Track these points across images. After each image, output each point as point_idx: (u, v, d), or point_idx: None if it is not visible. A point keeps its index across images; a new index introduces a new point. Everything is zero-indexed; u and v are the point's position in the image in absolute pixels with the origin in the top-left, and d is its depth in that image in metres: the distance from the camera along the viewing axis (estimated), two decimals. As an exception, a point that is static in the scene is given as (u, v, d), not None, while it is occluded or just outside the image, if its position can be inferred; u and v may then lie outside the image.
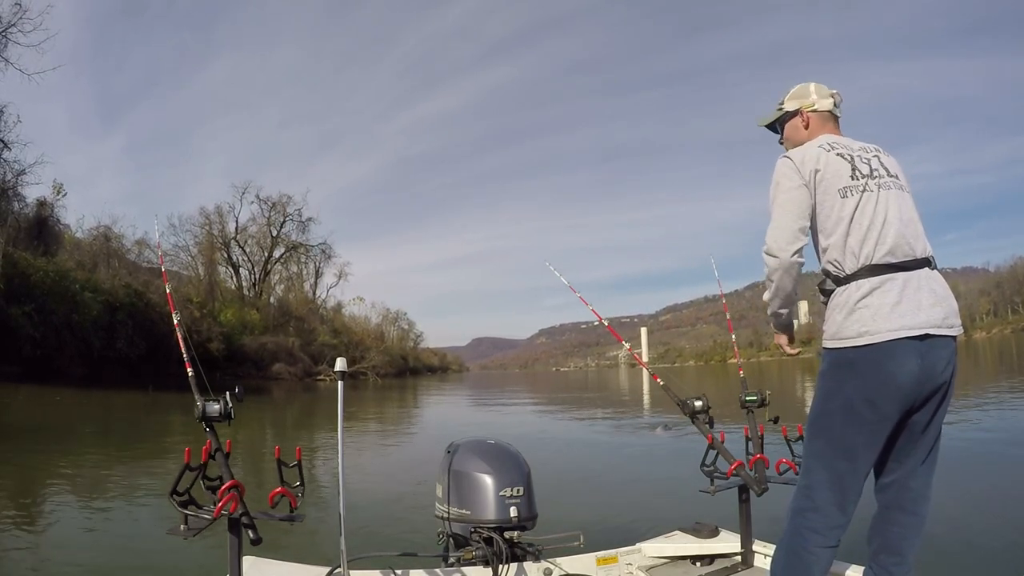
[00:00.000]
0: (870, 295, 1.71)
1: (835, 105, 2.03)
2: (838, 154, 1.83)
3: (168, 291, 2.43)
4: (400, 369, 62.38)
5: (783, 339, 2.05)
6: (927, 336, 1.67)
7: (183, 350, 2.08)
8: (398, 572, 2.31)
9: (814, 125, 2.02)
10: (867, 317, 1.69)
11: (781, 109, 2.09)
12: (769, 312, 1.95)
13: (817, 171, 1.81)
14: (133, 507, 5.45)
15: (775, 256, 1.81)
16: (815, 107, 2.02)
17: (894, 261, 1.73)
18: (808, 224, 1.83)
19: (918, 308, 1.69)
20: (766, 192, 1.89)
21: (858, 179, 1.80)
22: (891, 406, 1.69)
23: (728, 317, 3.48)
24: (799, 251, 1.81)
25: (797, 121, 2.05)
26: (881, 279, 1.71)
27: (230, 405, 1.97)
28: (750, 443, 2.69)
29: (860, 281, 1.73)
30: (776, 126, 2.14)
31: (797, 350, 2.09)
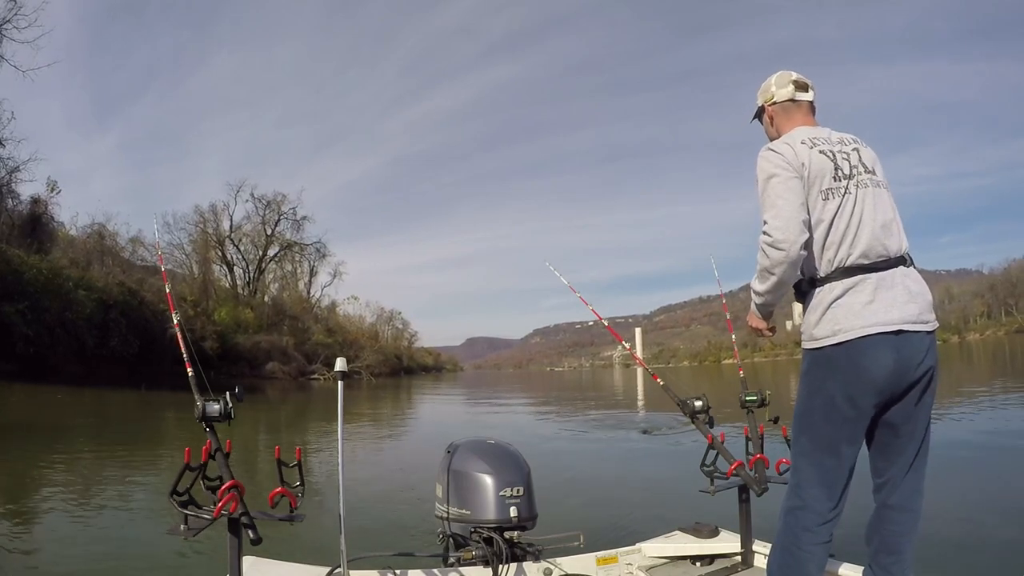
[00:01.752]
0: (844, 295, 1.72)
1: (796, 91, 1.97)
2: (821, 151, 1.80)
3: (168, 291, 2.43)
4: (394, 368, 62.11)
5: (763, 324, 2.01)
6: (901, 332, 1.69)
7: (183, 350, 2.08)
8: (398, 572, 2.31)
9: (779, 119, 2.00)
10: (840, 316, 1.71)
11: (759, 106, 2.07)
12: (760, 302, 1.90)
13: (803, 165, 1.77)
14: (132, 507, 5.42)
15: (781, 249, 1.71)
16: (774, 99, 2.00)
17: (867, 263, 1.74)
18: (808, 218, 1.76)
19: (891, 305, 1.70)
20: None
21: (840, 180, 1.78)
22: (867, 400, 1.72)
23: (728, 317, 3.45)
24: (805, 244, 1.74)
25: (765, 117, 2.05)
26: (855, 280, 1.73)
27: (230, 405, 1.97)
28: (750, 443, 2.70)
29: (833, 283, 1.74)
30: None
31: (773, 332, 2.08)
